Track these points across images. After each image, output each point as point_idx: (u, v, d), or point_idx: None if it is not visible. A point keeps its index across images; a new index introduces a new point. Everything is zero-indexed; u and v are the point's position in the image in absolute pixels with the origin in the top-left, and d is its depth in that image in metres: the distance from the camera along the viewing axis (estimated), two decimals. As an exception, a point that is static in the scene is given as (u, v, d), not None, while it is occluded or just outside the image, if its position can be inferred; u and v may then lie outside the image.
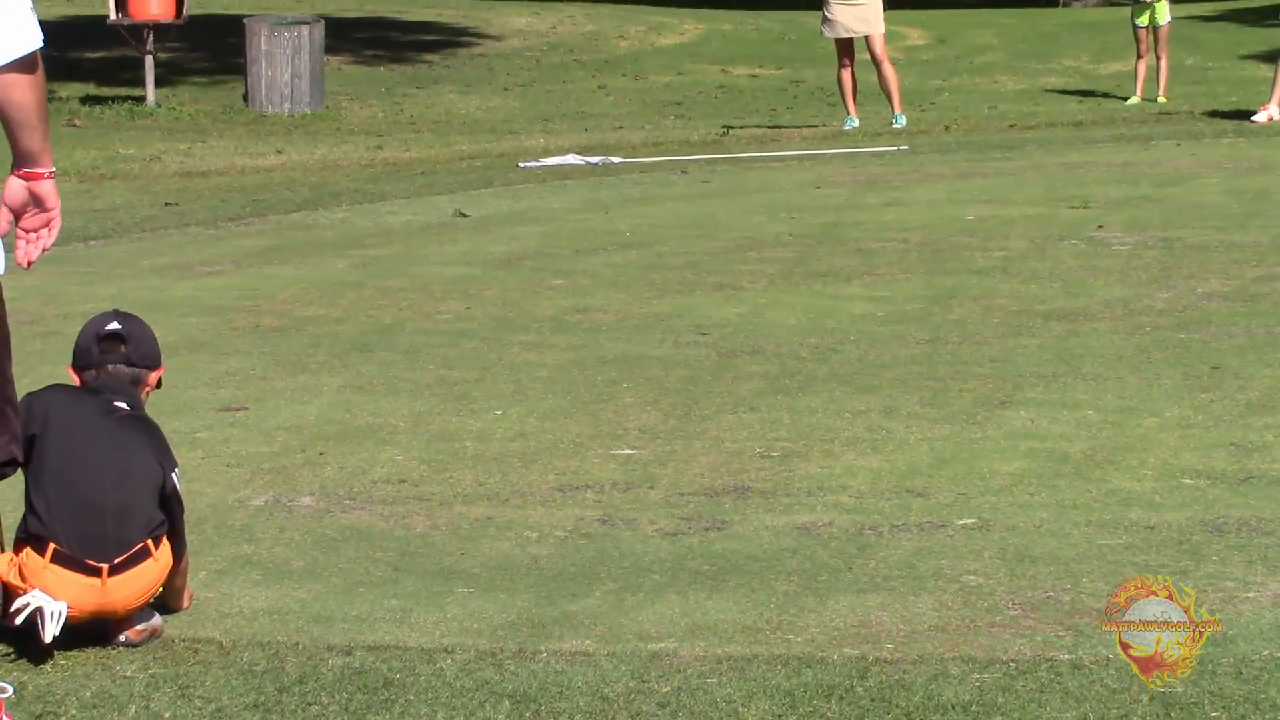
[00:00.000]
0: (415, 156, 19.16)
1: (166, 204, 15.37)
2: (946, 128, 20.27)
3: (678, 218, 13.54)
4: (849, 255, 11.57)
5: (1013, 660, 4.76)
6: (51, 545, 4.94)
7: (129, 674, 4.84)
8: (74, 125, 22.73)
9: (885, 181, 15.34)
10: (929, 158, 17.11)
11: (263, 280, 11.36)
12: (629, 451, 7.14)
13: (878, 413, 7.60)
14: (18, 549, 4.97)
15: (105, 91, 24.94)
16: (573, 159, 17.94)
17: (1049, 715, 4.39)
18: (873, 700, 4.52)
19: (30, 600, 4.85)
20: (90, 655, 4.98)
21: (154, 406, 5.45)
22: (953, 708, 4.45)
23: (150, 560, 5.04)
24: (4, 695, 4.54)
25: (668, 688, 4.65)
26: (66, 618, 4.87)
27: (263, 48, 23.32)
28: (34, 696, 4.69)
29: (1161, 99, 21.92)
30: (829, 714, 4.44)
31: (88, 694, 4.69)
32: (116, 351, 5.30)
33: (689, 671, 4.76)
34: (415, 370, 8.68)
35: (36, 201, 4.46)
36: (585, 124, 22.68)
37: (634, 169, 17.17)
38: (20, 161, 4.42)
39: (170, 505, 5.14)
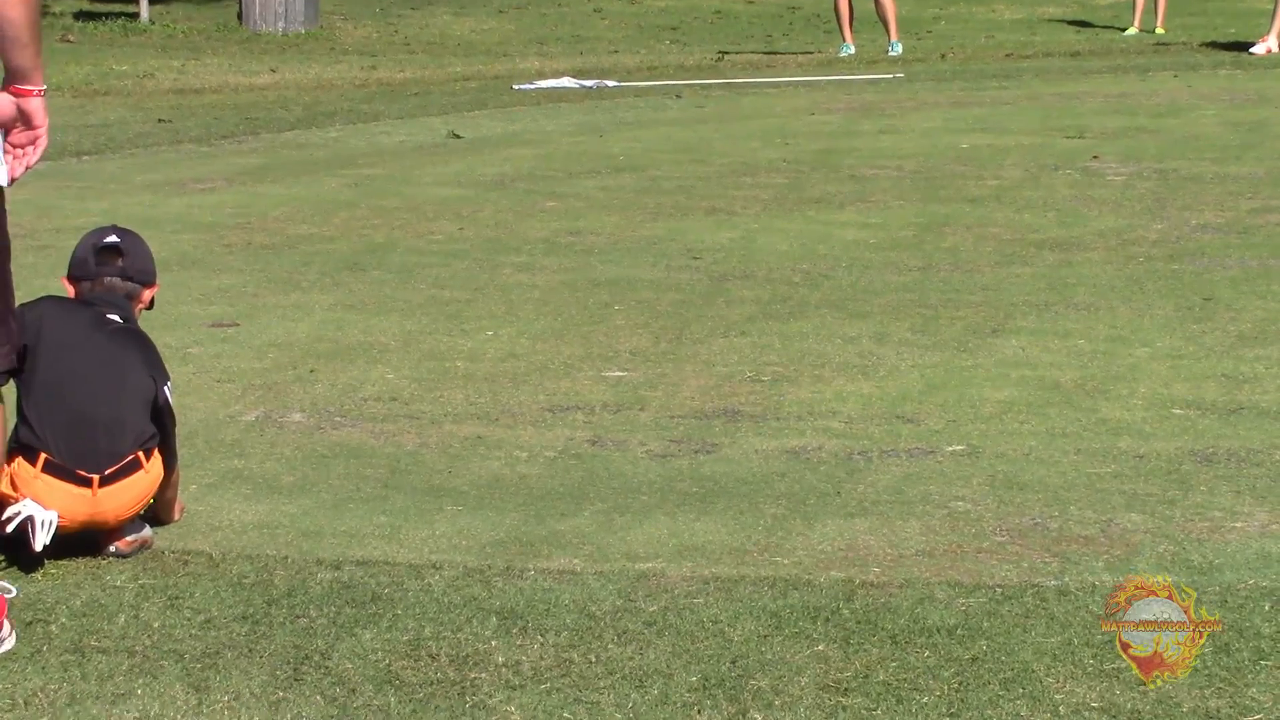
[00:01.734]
0: (409, 77, 19.09)
1: (160, 120, 15.32)
2: (943, 56, 20.20)
3: (672, 142, 13.51)
4: (842, 182, 11.55)
5: (999, 585, 4.77)
6: (43, 455, 4.94)
7: (119, 584, 4.85)
8: (68, 41, 22.62)
9: (880, 109, 15.30)
10: (925, 86, 17.06)
11: (255, 198, 11.34)
12: (620, 374, 7.14)
13: (869, 339, 7.60)
14: (10, 459, 4.98)
15: (99, 8, 24.81)
16: (567, 82, 17.88)
17: (1034, 640, 4.41)
18: (859, 622, 4.54)
19: (21, 509, 4.86)
20: (80, 565, 4.99)
21: (146, 321, 5.45)
22: (938, 631, 4.47)
23: (141, 472, 5.05)
24: (8, 595, 4.56)
25: (655, 607, 4.66)
26: (57, 527, 4.88)
27: (257, -35, 23.19)
28: (25, 604, 4.70)
29: (1160, 30, 21.85)
30: (815, 635, 4.46)
31: (78, 603, 4.71)
32: (113, 264, 5.29)
33: (676, 591, 4.77)
34: (407, 289, 8.67)
35: (24, 118, 4.44)
36: (580, 47, 22.59)
37: (629, 93, 17.12)
38: (10, 78, 4.40)
39: (162, 418, 5.14)
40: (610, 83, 17.84)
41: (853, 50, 20.16)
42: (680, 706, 4.09)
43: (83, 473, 4.94)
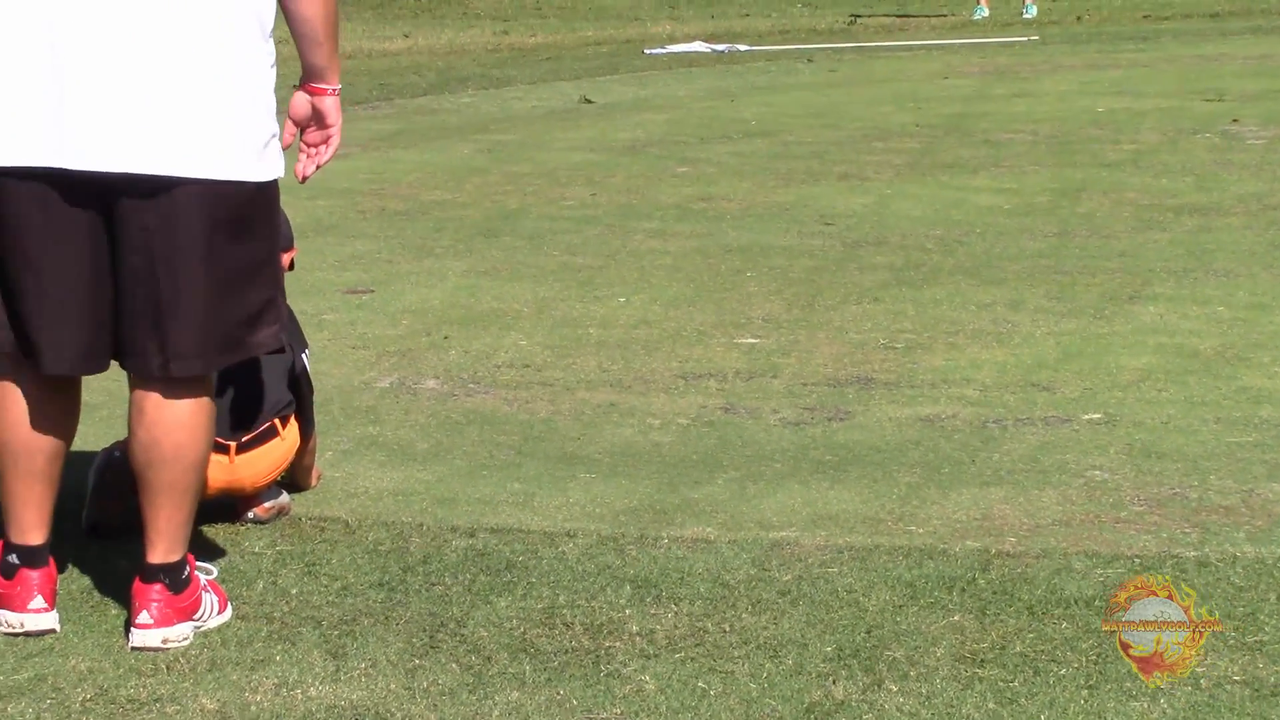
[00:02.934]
0: (541, 42, 19.13)
1: (294, 86, 15.47)
2: (1078, 18, 19.96)
3: (803, 107, 13.45)
4: (976, 146, 11.45)
5: (1137, 556, 4.72)
6: None
7: (257, 550, 4.90)
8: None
9: (1014, 72, 15.15)
10: (1059, 49, 16.86)
11: (389, 164, 11.41)
12: (752, 340, 7.13)
13: (1003, 305, 7.53)
14: None
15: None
16: (699, 46, 17.85)
17: (1173, 612, 4.36)
18: (994, 593, 4.50)
19: None
20: (219, 531, 5.05)
21: (285, 285, 5.48)
22: (1075, 602, 4.43)
23: (277, 439, 5.10)
24: (209, 576, 4.61)
25: (789, 576, 4.65)
26: None
27: (390, -69, 23.32)
28: (164, 570, 4.75)
29: None
30: (950, 605, 4.43)
31: (217, 570, 4.76)
32: None
33: (810, 560, 4.76)
34: (539, 256, 8.69)
35: (317, 117, 4.46)
36: (711, 11, 22.53)
37: (760, 57, 17.06)
38: (306, 76, 4.42)
39: (299, 385, 5.18)
40: (742, 47, 17.79)
41: (986, 13, 19.97)
42: (815, 677, 4.08)
43: (220, 440, 4.99)
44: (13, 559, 4.33)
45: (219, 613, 4.41)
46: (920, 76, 15.05)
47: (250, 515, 5.11)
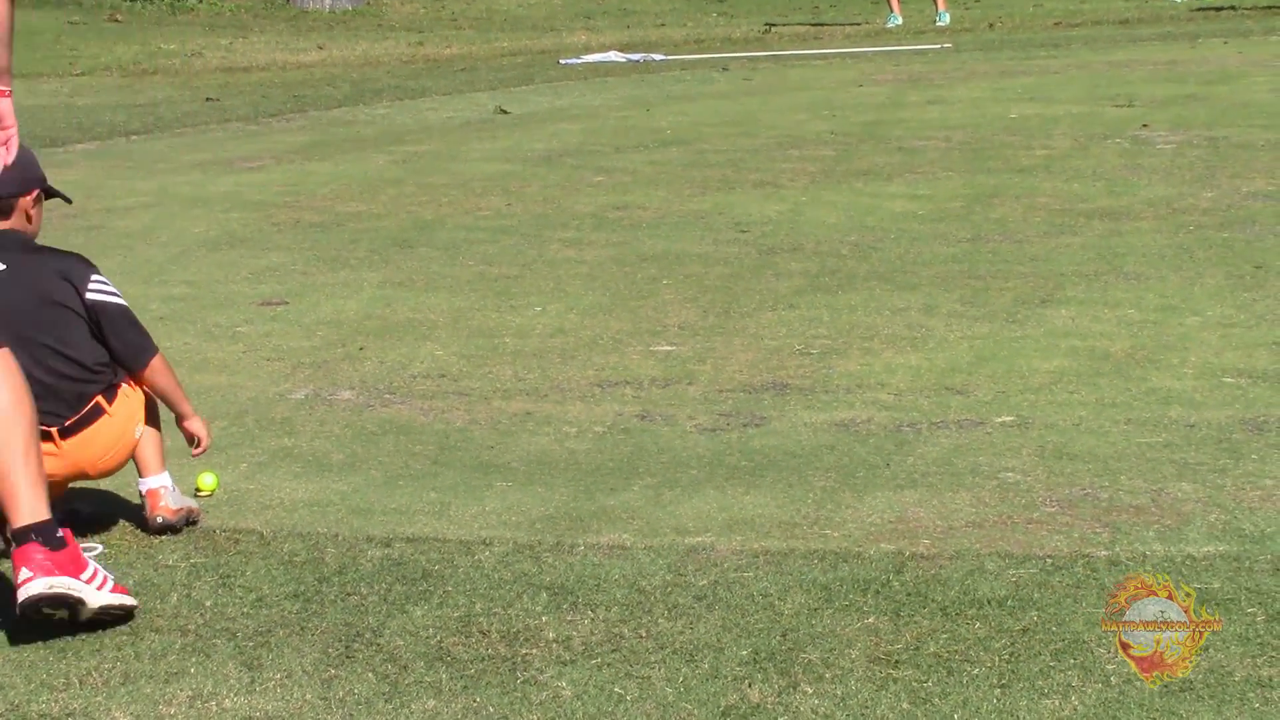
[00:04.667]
0: (456, 53, 19.10)
1: (207, 99, 15.37)
2: (991, 25, 20.10)
3: (719, 115, 13.49)
4: (890, 153, 11.51)
5: (1049, 556, 4.76)
6: None
7: (171, 563, 4.88)
8: (115, 20, 22.71)
9: (928, 79, 15.24)
10: (972, 56, 16.99)
11: (304, 176, 11.37)
12: (668, 348, 7.14)
13: (918, 310, 7.58)
14: None
15: (146, -13, 24.87)
16: (614, 56, 17.87)
17: (1085, 611, 4.39)
18: (909, 594, 4.53)
19: None
20: (133, 544, 5.02)
21: (196, 301, 5.44)
22: (988, 602, 4.46)
23: (105, 418, 4.96)
24: (94, 553, 4.57)
25: (704, 581, 4.67)
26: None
27: (303, -57, 23.24)
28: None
29: None
30: (865, 608, 4.46)
31: (130, 582, 4.73)
32: None
33: (726, 565, 4.77)
34: (455, 266, 8.68)
35: None
36: (627, 21, 22.56)
37: (675, 66, 17.10)
38: None
39: (101, 314, 4.92)
40: (657, 56, 17.83)
41: (900, 21, 20.09)
42: (731, 680, 4.09)
43: (43, 427, 4.67)
44: None
45: (112, 590, 4.37)
46: (835, 84, 15.12)
47: (158, 520, 5.05)
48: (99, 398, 4.98)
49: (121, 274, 8.65)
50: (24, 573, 4.23)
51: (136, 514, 5.21)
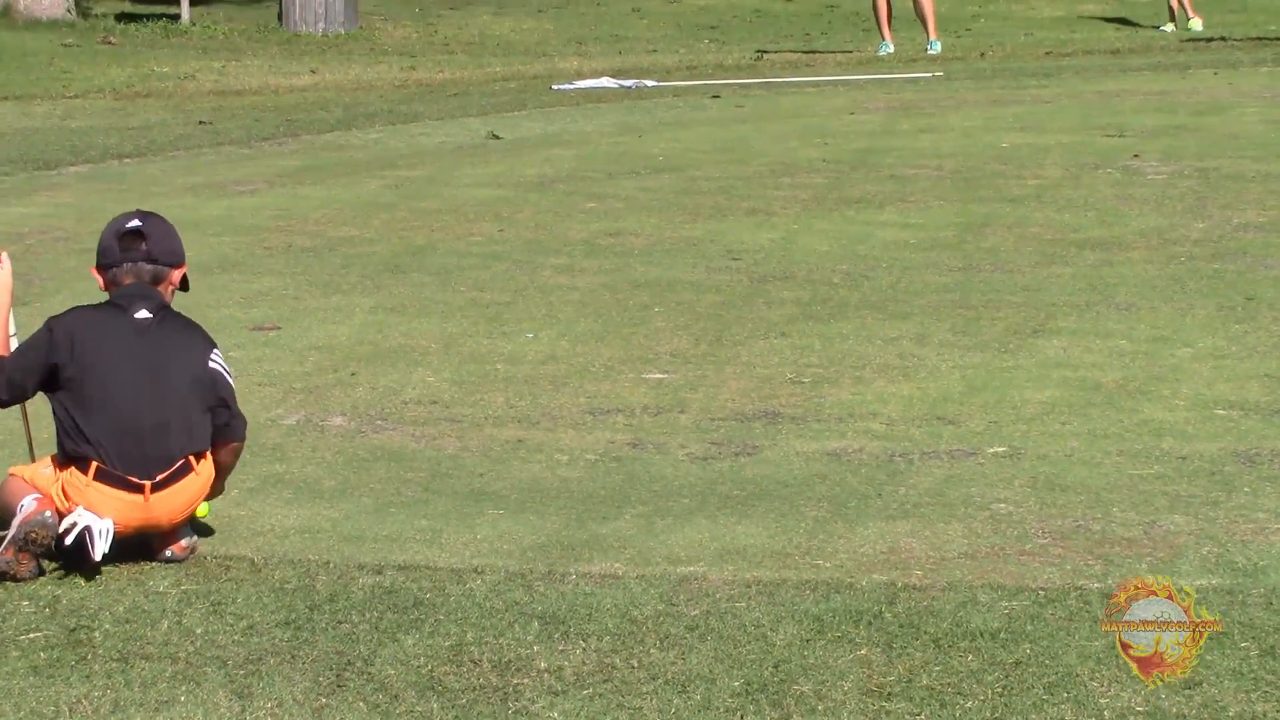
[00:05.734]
0: (449, 78, 19.12)
1: (201, 122, 15.37)
2: (982, 54, 20.15)
3: (711, 142, 13.50)
4: (882, 182, 11.53)
5: (1042, 588, 4.76)
6: (94, 464, 4.98)
7: (161, 590, 4.87)
8: (109, 43, 22.71)
9: (919, 108, 15.27)
10: (964, 84, 17.02)
11: (296, 200, 11.37)
12: (660, 376, 7.14)
13: (909, 340, 7.58)
14: (62, 468, 5.02)
15: (140, 9, 24.90)
16: (606, 82, 17.88)
17: (1078, 643, 4.39)
18: (901, 626, 4.52)
19: (78, 519, 4.89)
20: (123, 571, 5.01)
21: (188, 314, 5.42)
22: (981, 634, 4.46)
23: (192, 475, 5.08)
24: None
25: (696, 611, 4.66)
26: (114, 534, 4.92)
27: (297, -33, 23.25)
28: (68, 610, 4.72)
29: (1193, 23, 21.74)
30: (857, 639, 4.45)
31: (121, 609, 4.72)
32: (138, 249, 5.23)
33: (718, 595, 4.77)
34: (447, 292, 8.68)
35: None
36: (619, 47, 22.60)
37: (667, 93, 17.12)
38: None
39: (219, 382, 5.14)
40: (649, 82, 17.85)
41: (892, 49, 20.13)
42: (723, 712, 4.08)
43: (134, 479, 4.97)
44: None
45: None
46: (827, 112, 15.14)
47: (167, 554, 5.07)
48: (190, 457, 5.09)
49: (113, 298, 8.65)
50: None
51: (133, 537, 5.20)
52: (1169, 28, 21.91)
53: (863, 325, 7.85)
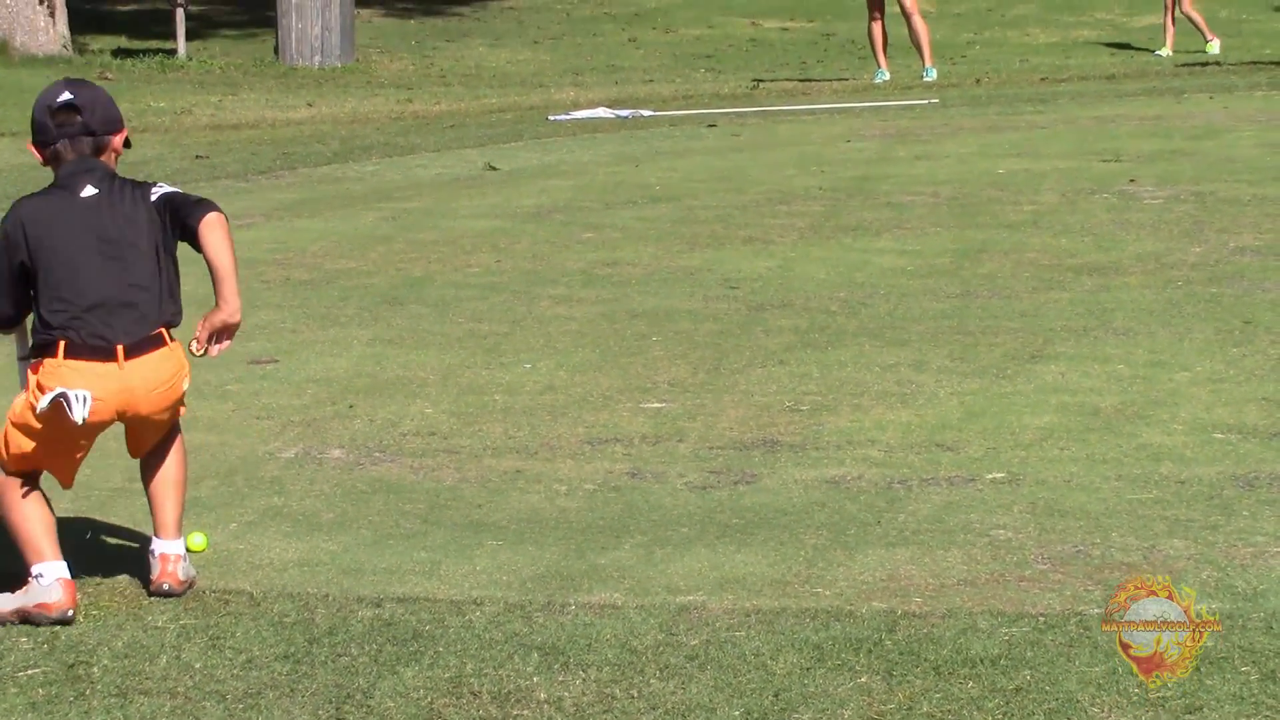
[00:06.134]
0: (445, 109, 19.15)
1: (197, 157, 15.39)
2: (978, 81, 20.19)
3: (708, 171, 13.51)
4: (879, 209, 11.54)
5: (1041, 614, 4.75)
6: (63, 342, 4.96)
7: (160, 624, 4.86)
8: (105, 78, 22.75)
9: (916, 135, 15.29)
10: (960, 111, 17.05)
11: (293, 233, 11.38)
12: (658, 405, 7.14)
13: (907, 367, 7.58)
14: (35, 370, 5.01)
15: (136, 44, 24.94)
16: (603, 112, 17.91)
17: (1078, 669, 4.39)
18: (901, 653, 4.52)
19: (53, 392, 4.90)
20: (122, 606, 5.00)
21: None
22: (981, 661, 4.45)
23: (166, 349, 5.04)
24: None
25: (696, 640, 4.65)
26: (94, 412, 4.89)
27: (293, 1, 23.29)
28: (66, 646, 4.71)
29: (1211, 47, 21.79)
30: (857, 667, 4.45)
31: (119, 644, 4.72)
32: (73, 123, 5.13)
33: (718, 624, 4.76)
34: (445, 323, 8.68)
35: None
36: (615, 77, 22.64)
37: (664, 122, 17.14)
38: None
39: (168, 201, 5.08)
40: (645, 112, 17.87)
41: (887, 76, 20.16)
42: (723, 741, 4.08)
43: (105, 347, 4.94)
44: None
45: None
46: (823, 140, 15.16)
47: (164, 586, 5.04)
48: (162, 329, 5.06)
49: (111, 332, 8.65)
50: None
51: (131, 571, 5.19)
52: (1164, 52, 21.94)
53: (861, 353, 7.85)
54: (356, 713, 4.26)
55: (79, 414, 4.86)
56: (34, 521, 4.98)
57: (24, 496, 5.02)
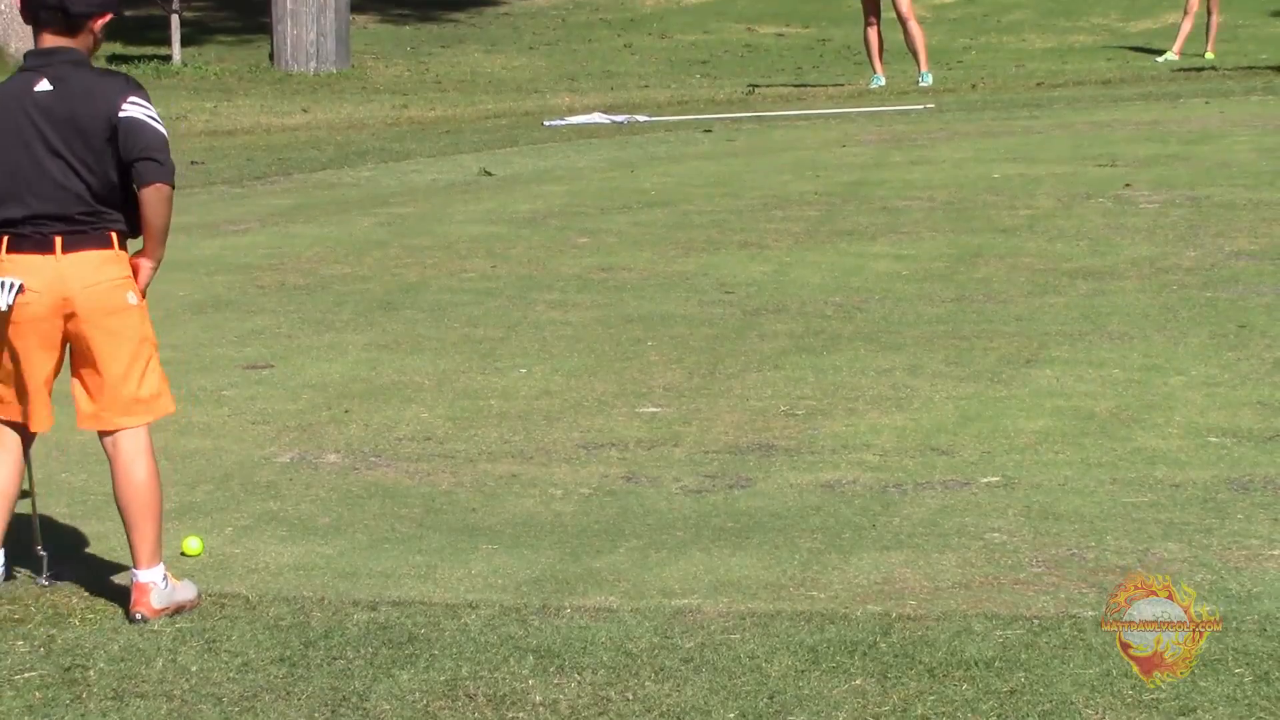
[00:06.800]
0: (440, 115, 19.16)
1: (193, 163, 15.39)
2: (973, 86, 20.21)
3: (703, 176, 13.52)
4: (874, 214, 11.55)
5: (1036, 617, 4.76)
6: (6, 238, 4.97)
7: (156, 628, 4.86)
8: (100, 84, 22.71)
9: (911, 140, 15.30)
10: (955, 116, 17.07)
11: (288, 239, 11.38)
12: (654, 409, 7.15)
13: (902, 371, 7.59)
14: None
15: (132, 50, 24.93)
16: (598, 117, 17.92)
17: (1072, 672, 4.39)
18: (896, 656, 4.53)
19: None
20: (117, 610, 5.01)
21: (181, 365, 5.44)
22: (976, 664, 4.46)
23: (111, 252, 4.98)
24: None
25: (691, 643, 4.66)
26: (28, 303, 4.89)
27: (289, 6, 23.28)
28: (63, 650, 4.72)
29: (1209, 55, 21.77)
30: (852, 670, 4.45)
31: (115, 648, 4.72)
32: (49, 2, 5.02)
33: (713, 627, 4.77)
34: (440, 328, 8.69)
35: None
36: (611, 82, 22.66)
37: (659, 127, 17.16)
38: None
39: (128, 129, 4.95)
40: (641, 117, 17.88)
41: (883, 82, 20.17)
42: (718, 744, 4.08)
43: (43, 239, 4.92)
44: None
45: None
46: (818, 145, 15.17)
47: (137, 616, 4.93)
48: (112, 233, 5.00)
49: (106, 337, 8.64)
50: None
51: (126, 575, 5.20)
52: (1172, 56, 21.87)
53: (856, 357, 7.86)
54: (352, 716, 4.27)
55: (2, 300, 4.87)
56: None
57: None
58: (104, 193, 4.99)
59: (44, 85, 5.02)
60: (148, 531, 4.98)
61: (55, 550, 5.26)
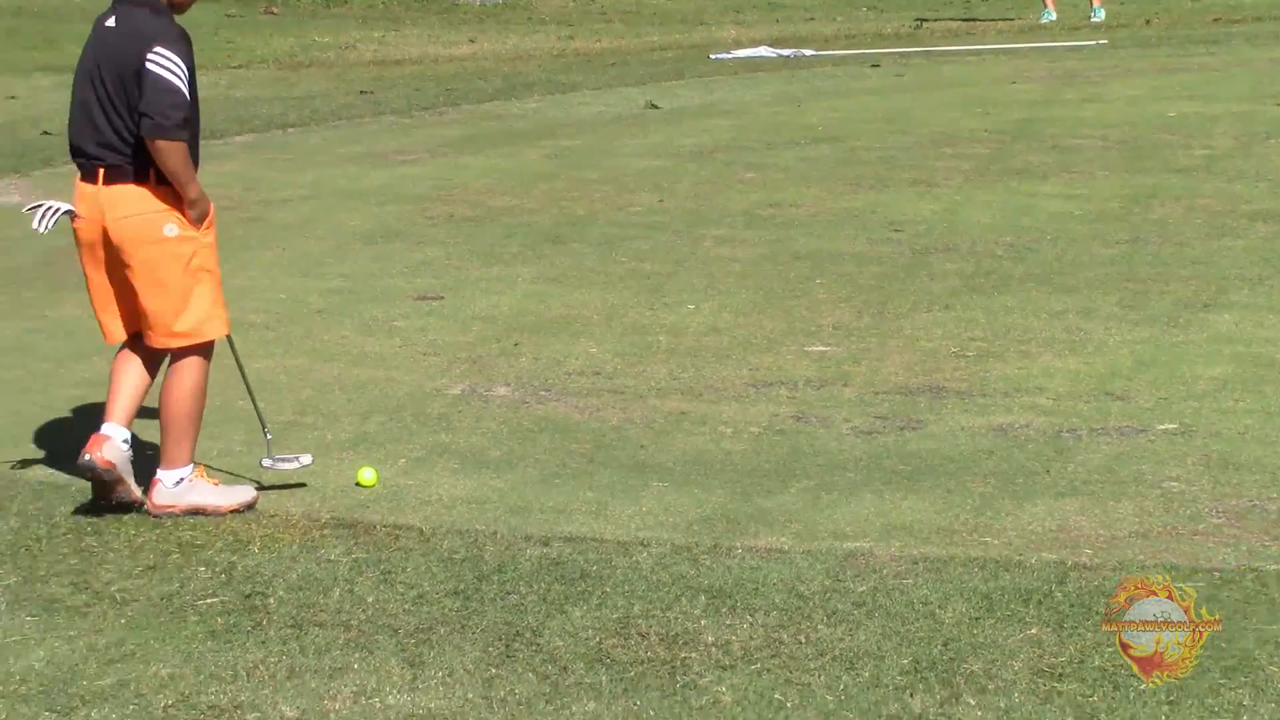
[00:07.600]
0: (606, 47, 19.14)
1: (362, 92, 15.50)
2: (1148, 21, 19.84)
3: (870, 112, 13.41)
4: (1046, 152, 11.39)
5: (1217, 569, 4.68)
6: (78, 163, 5.28)
7: (333, 558, 4.92)
8: (271, 13, 22.98)
9: (1083, 77, 15.06)
10: (1129, 52, 16.77)
11: (457, 170, 11.44)
12: (823, 348, 7.11)
13: (1076, 313, 7.49)
14: None
15: (300, -21, 25.13)
16: (764, 51, 17.82)
17: (1255, 626, 4.32)
18: (1072, 606, 4.47)
19: (44, 201, 5.28)
20: (295, 539, 5.07)
21: (353, 294, 5.47)
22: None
23: (149, 188, 5.19)
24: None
25: (864, 587, 4.63)
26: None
27: (456, -64, 23.36)
28: (243, 576, 4.79)
29: None
30: (1027, 618, 4.41)
31: (294, 576, 4.78)
32: None
33: (885, 571, 4.74)
34: (608, 262, 8.69)
35: None
36: (777, 15, 22.51)
37: (826, 62, 17.03)
38: None
39: (141, 84, 5.12)
40: (807, 51, 17.76)
41: (1054, 16, 19.87)
42: (892, 690, 4.06)
43: (92, 166, 5.21)
44: None
45: None
46: (988, 81, 14.98)
47: (144, 507, 5.28)
48: (153, 169, 5.19)
49: (280, 267, 8.75)
50: None
51: (304, 504, 5.27)
52: None
53: (1028, 298, 7.76)
54: (526, 650, 4.29)
55: (38, 223, 5.22)
56: (111, 383, 5.34)
57: (116, 356, 5.39)
58: (138, 131, 5.19)
59: (110, 21, 5.28)
60: (170, 437, 5.32)
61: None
